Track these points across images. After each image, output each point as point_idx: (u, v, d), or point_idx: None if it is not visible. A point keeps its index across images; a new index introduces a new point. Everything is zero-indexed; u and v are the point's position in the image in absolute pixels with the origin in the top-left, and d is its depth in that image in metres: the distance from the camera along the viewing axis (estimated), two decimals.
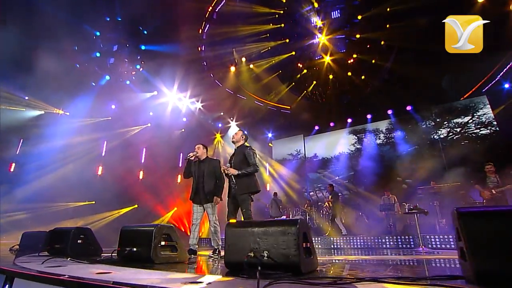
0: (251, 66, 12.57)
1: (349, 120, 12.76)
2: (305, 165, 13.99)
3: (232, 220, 3.06)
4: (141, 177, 12.57)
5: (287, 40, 10.17)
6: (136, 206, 12.05)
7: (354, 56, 10.09)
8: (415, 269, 2.96)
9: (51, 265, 2.66)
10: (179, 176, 13.43)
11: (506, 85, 10.27)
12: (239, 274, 2.18)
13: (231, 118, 15.01)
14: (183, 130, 13.96)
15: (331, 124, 13.15)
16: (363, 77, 10.52)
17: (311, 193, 13.66)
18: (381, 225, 9.05)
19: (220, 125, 15.04)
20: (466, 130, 10.41)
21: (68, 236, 3.99)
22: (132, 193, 12.00)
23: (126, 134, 12.73)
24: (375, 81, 10.25)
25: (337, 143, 13.18)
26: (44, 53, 9.55)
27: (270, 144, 15.29)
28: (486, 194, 6.70)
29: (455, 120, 10.75)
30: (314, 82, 11.39)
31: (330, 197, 10.16)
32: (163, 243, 3.13)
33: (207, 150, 4.92)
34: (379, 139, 12.29)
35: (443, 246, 6.77)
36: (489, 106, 10.22)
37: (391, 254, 5.83)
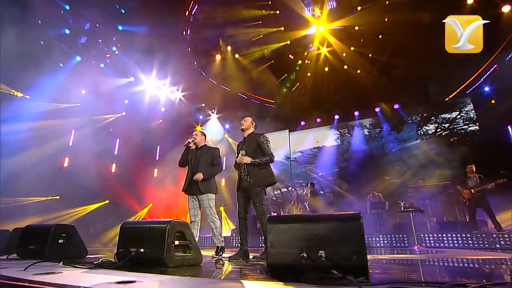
0: (237, 56, 12.13)
1: (337, 117, 12.79)
2: (289, 161, 13.84)
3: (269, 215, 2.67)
4: (113, 170, 11.64)
5: (282, 28, 9.84)
6: (107, 201, 11.16)
7: (352, 48, 10.02)
8: (476, 271, 2.76)
9: (40, 271, 2.10)
10: (156, 170, 12.68)
11: (486, 88, 10.82)
12: (298, 279, 1.80)
13: (212, 111, 14.46)
14: (161, 121, 13.17)
15: (318, 120, 13.10)
16: (358, 71, 10.51)
17: (291, 189, 13.58)
18: (370, 223, 9.08)
19: (201, 117, 14.41)
20: (455, 126, 10.77)
21: (47, 235, 3.35)
22: (103, 188, 11.11)
23: (97, 123, 11.72)
24: (369, 76, 10.28)
25: (324, 139, 13.18)
26: None
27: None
28: (466, 193, 6.96)
29: (443, 116, 11.08)
30: (309, 74, 11.19)
31: (309, 194, 10.16)
32: (176, 242, 2.67)
33: (205, 138, 4.55)
34: (366, 136, 12.44)
35: (436, 244, 6.87)
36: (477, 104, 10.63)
37: (394, 253, 5.75)
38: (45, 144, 10.05)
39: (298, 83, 11.98)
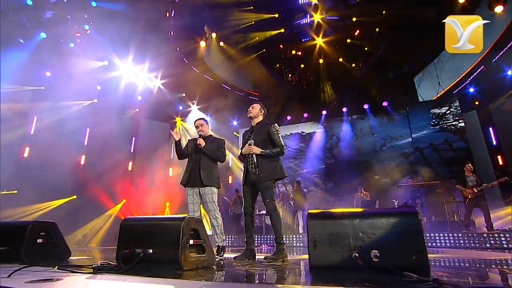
0: (222, 44, 11.80)
1: (324, 112, 12.80)
2: None
3: (313, 211, 2.40)
4: (82, 162, 10.86)
5: (276, 15, 9.59)
6: (74, 197, 10.39)
7: (348, 41, 10.02)
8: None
9: (32, 278, 1.75)
10: (130, 163, 12.02)
11: (471, 89, 11.31)
12: (356, 283, 1.62)
13: (193, 101, 13.96)
14: (137, 110, 12.48)
15: (305, 115, 13.05)
16: (353, 65, 10.56)
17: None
18: None
19: (181, 107, 13.85)
20: (445, 122, 11.05)
21: (23, 233, 2.90)
22: (70, 182, 10.36)
23: (64, 110, 10.84)
24: (363, 70, 10.36)
25: (311, 135, 13.16)
26: None
27: (235, 133, 14.68)
28: (469, 193, 7.23)
29: (432, 111, 11.32)
30: (302, 65, 11.06)
31: (293, 190, 10.16)
32: (191, 242, 2.39)
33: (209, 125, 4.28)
34: (357, 132, 12.53)
35: (429, 244, 7.03)
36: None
37: None
38: (2, 131, 9.15)
39: (290, 75, 11.83)
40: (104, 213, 10.67)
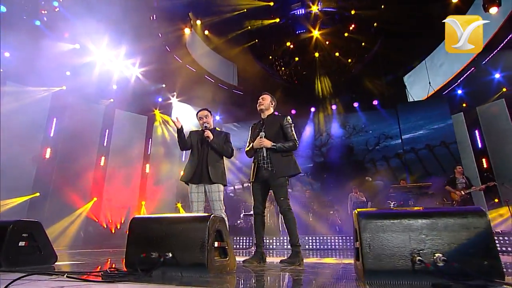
0: (206, 32, 11.50)
1: (313, 109, 12.78)
2: None
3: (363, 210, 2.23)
4: (48, 156, 10.12)
5: (271, 3, 9.40)
6: (37, 194, 9.65)
7: (346, 34, 10.05)
8: None
9: None
10: (103, 158, 11.37)
11: (459, 91, 11.79)
12: None
13: (173, 94, 13.47)
14: (111, 100, 11.83)
15: (293, 112, 12.99)
16: (349, 60, 10.63)
17: None
18: (347, 225, 9.27)
19: (160, 99, 13.31)
20: (439, 122, 11.27)
21: (2, 235, 2.55)
22: (33, 177, 9.63)
23: (26, 96, 10.07)
24: (359, 66, 10.46)
25: (300, 131, 13.08)
26: None
27: (217, 129, 14.35)
28: (457, 195, 7.50)
29: (424, 110, 11.52)
30: (297, 58, 10.96)
31: None
32: (215, 244, 2.18)
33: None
34: (346, 131, 12.57)
35: None
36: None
37: None
38: None
39: (282, 68, 11.70)
40: (72, 213, 10.01)
